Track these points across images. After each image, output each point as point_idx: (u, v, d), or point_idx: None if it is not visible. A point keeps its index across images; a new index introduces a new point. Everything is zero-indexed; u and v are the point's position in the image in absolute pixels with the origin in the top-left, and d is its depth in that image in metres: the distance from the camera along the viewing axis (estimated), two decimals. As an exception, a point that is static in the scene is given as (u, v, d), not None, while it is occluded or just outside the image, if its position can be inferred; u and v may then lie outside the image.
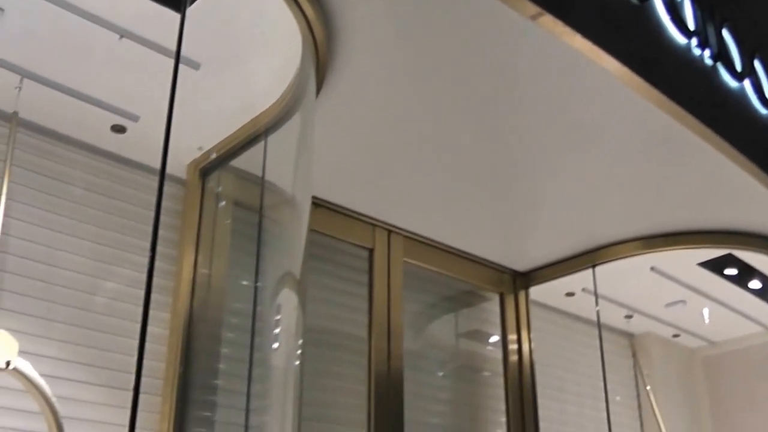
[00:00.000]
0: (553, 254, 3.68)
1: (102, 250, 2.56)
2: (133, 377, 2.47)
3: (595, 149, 2.75)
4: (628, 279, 3.76)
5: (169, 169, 2.66)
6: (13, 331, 2.02)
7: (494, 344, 3.74)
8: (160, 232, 2.62)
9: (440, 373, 3.50)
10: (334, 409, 2.97)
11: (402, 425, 3.06)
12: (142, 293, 2.54)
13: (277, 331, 2.32)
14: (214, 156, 2.64)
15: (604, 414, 3.70)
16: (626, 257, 3.51)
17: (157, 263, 2.62)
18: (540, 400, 3.65)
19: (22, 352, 2.02)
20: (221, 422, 2.48)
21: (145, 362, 2.51)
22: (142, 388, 2.48)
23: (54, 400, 2.05)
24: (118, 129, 2.54)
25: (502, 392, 3.64)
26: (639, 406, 4.38)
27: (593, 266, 3.61)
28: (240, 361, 2.51)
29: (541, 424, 3.61)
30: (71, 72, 2.30)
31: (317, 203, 2.95)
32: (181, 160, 2.74)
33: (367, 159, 2.83)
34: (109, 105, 2.43)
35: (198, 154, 2.72)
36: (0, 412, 2.25)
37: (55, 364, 2.32)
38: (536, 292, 3.85)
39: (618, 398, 4.12)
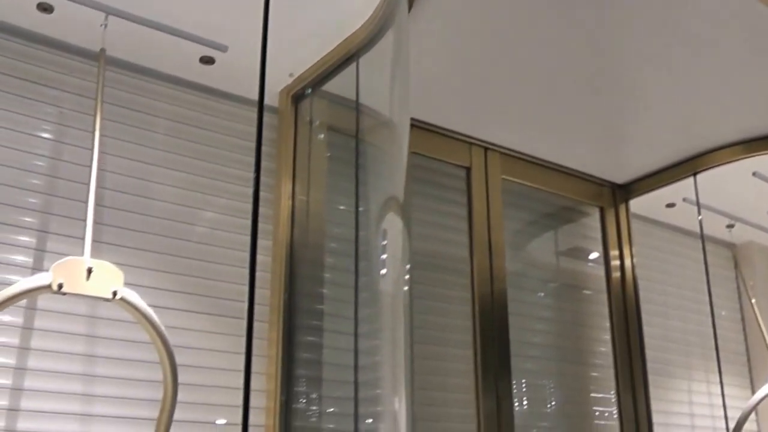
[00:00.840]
0: (652, 164, 3.54)
1: (197, 181, 2.56)
2: (236, 304, 2.50)
3: (697, 49, 2.57)
4: (729, 186, 3.59)
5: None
6: (115, 264, 2.03)
7: (595, 261, 3.63)
8: (251, 159, 2.61)
9: (541, 294, 3.41)
10: (439, 330, 2.92)
11: (508, 345, 3.01)
12: (239, 221, 2.58)
13: (384, 256, 2.26)
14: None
15: (710, 329, 3.58)
16: (727, 163, 3.36)
17: (250, 190, 2.62)
18: (644, 317, 3.54)
19: (125, 284, 2.03)
20: (329, 347, 2.46)
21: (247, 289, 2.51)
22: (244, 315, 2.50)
23: (163, 328, 2.04)
24: (207, 60, 2.51)
25: (605, 309, 3.55)
26: (742, 319, 4.21)
27: (694, 174, 3.46)
28: (345, 286, 2.47)
29: (646, 341, 3.51)
30: (156, 5, 2.25)
31: (411, 123, 2.85)
32: (273, 87, 2.69)
33: (461, 74, 2.72)
34: (196, 37, 2.38)
35: (289, 80, 2.66)
36: (109, 343, 2.28)
37: (158, 295, 2.35)
38: (636, 204, 3.72)
39: (723, 313, 3.97)
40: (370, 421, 2.29)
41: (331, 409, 2.43)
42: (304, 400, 2.42)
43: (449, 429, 2.83)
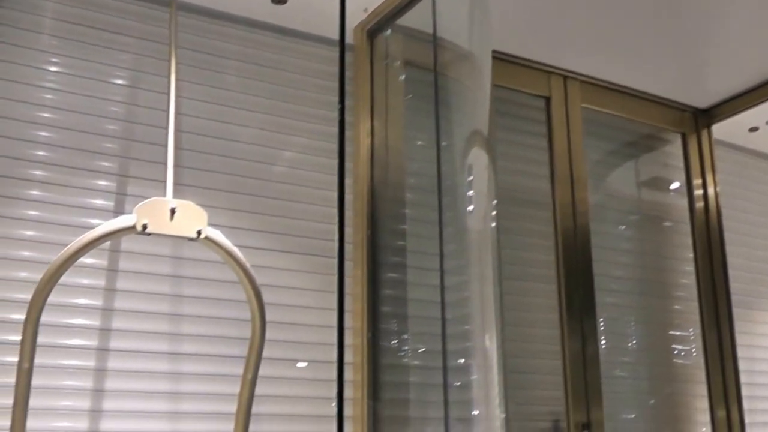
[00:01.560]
0: (735, 87, 3.37)
1: (274, 121, 2.52)
2: (319, 242, 2.46)
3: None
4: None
5: (335, 35, 2.61)
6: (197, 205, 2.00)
7: (677, 190, 3.49)
8: (332, 98, 2.55)
9: (622, 226, 3.30)
10: (521, 265, 2.84)
11: (591, 278, 2.92)
12: (318, 160, 2.52)
13: (470, 193, 2.17)
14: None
15: (796, 257, 3.45)
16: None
17: (333, 129, 2.58)
18: (727, 248, 3.41)
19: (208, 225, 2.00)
20: (413, 283, 2.40)
21: (331, 227, 2.47)
22: (330, 253, 2.47)
23: (249, 266, 2.01)
24: (278, 0, 2.45)
25: (688, 240, 3.42)
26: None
27: (777, 95, 3.30)
28: (428, 222, 2.39)
29: (730, 272, 3.38)
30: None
31: (489, 55, 2.75)
32: (347, 23, 2.60)
33: (538, 1, 2.59)
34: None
35: (364, 16, 2.59)
36: (194, 282, 2.28)
37: (240, 234, 2.33)
38: (719, 130, 3.56)
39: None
40: (460, 357, 2.23)
41: (419, 346, 2.38)
42: (391, 338, 2.38)
43: (535, 366, 2.77)
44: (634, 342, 3.14)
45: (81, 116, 2.23)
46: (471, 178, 2.17)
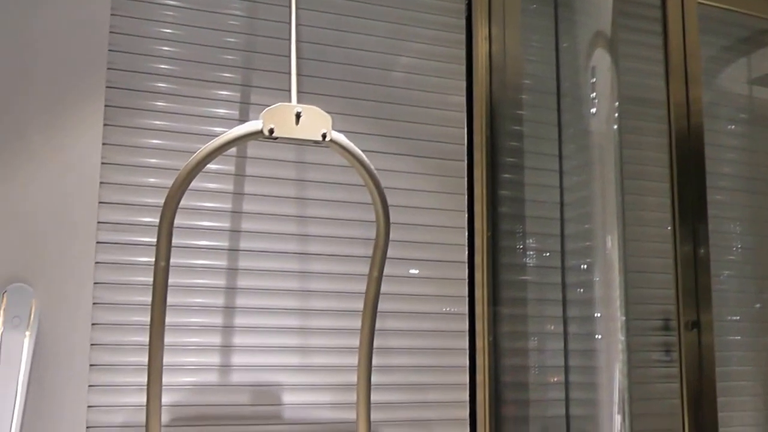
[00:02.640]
0: None
1: (394, 28, 2.46)
2: (439, 145, 2.42)
3: None
4: None
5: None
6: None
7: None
8: (451, 4, 2.48)
9: (732, 125, 3.15)
10: (635, 164, 2.75)
11: (704, 178, 2.81)
12: (435, 65, 2.47)
13: (593, 95, 2.09)
14: None
15: None
16: None
17: (453, 35, 2.52)
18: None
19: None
20: (531, 183, 2.35)
21: (451, 130, 2.44)
22: (451, 155, 2.43)
23: (373, 168, 1.99)
24: None
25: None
26: None
27: None
28: (547, 124, 2.33)
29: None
30: None
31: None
32: None
33: None
34: None
35: None
36: (320, 186, 2.30)
37: (362, 139, 2.30)
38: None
39: None
40: (579, 257, 2.19)
41: (538, 246, 2.35)
42: (510, 238, 2.35)
43: (646, 264, 2.71)
44: (741, 242, 3.04)
45: (203, 30, 2.23)
46: (594, 80, 2.09)
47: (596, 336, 2.12)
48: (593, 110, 2.12)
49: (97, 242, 2.04)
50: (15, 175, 1.99)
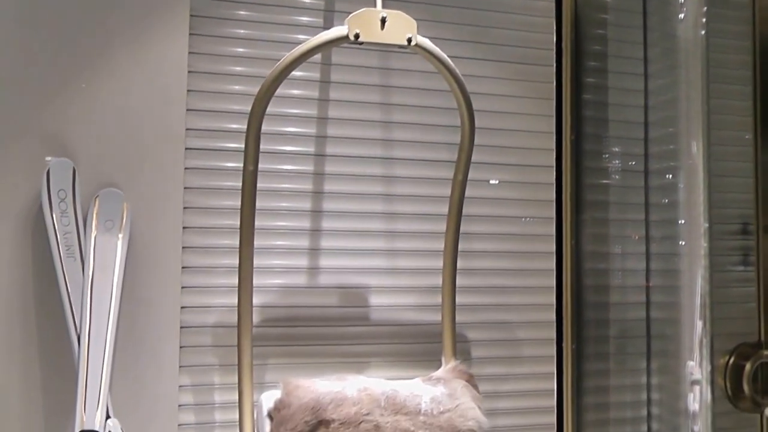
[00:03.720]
0: None
1: None
2: (521, 50, 2.35)
3: None
4: None
5: None
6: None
7: None
8: None
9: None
10: (719, 67, 2.63)
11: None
12: None
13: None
14: None
15: None
16: None
17: None
18: None
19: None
20: (615, 87, 2.27)
21: (537, 36, 2.36)
22: (537, 61, 2.37)
23: (458, 72, 1.95)
24: None
25: None
26: None
27: None
28: (631, 27, 2.23)
29: None
30: None
31: None
32: None
33: None
34: None
35: None
36: (404, 92, 2.26)
37: (446, 45, 2.22)
38: None
39: None
40: (663, 161, 2.13)
41: (621, 150, 2.29)
42: (594, 141, 2.29)
43: (724, 168, 2.63)
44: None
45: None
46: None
47: (679, 242, 2.07)
48: (681, 15, 2.02)
49: (186, 148, 2.05)
50: (104, 85, 1.99)
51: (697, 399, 1.93)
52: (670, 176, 2.14)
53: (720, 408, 2.05)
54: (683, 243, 2.06)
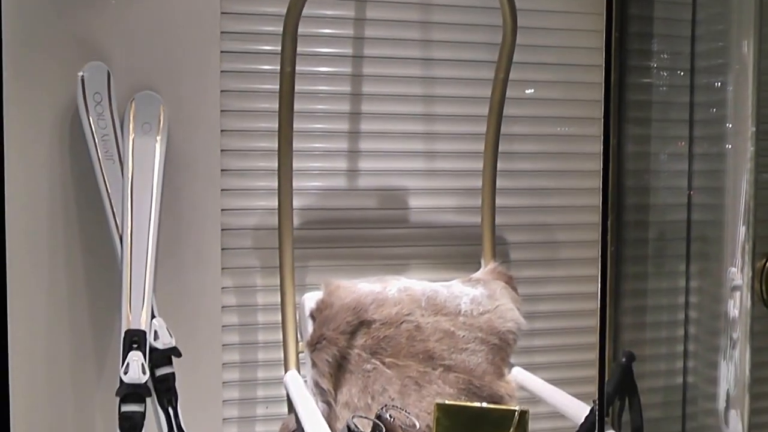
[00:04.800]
0: None
1: None
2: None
3: None
4: None
5: None
6: None
7: None
8: None
9: None
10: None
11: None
12: None
13: None
14: None
15: None
16: None
17: None
18: None
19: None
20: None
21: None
22: None
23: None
24: None
25: None
26: None
27: None
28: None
29: None
30: None
31: None
32: None
33: None
34: None
35: None
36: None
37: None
38: None
39: None
40: (709, 59, 2.04)
41: (666, 48, 2.20)
42: (638, 40, 2.19)
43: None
44: None
45: None
46: None
47: (726, 145, 2.00)
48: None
49: (222, 51, 1.99)
50: (141, -16, 1.93)
51: (736, 305, 1.89)
52: (718, 75, 2.05)
53: (756, 313, 2.01)
54: (729, 147, 1.99)
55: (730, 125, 1.99)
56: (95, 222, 1.90)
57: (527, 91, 2.23)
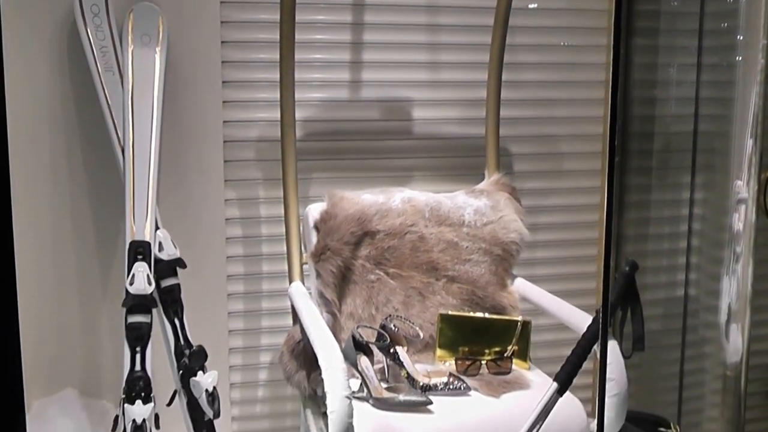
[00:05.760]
0: None
1: None
2: None
3: None
4: None
5: None
6: None
7: None
8: None
9: None
10: None
11: None
12: None
13: None
14: None
15: None
16: None
17: None
18: None
19: None
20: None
21: None
22: None
23: None
24: None
25: None
26: None
27: None
28: None
29: None
30: None
31: None
32: None
33: None
34: None
35: None
36: None
37: None
38: None
39: None
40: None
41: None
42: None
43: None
44: None
45: None
46: None
47: (736, 57, 1.95)
48: None
49: (220, -41, 1.93)
50: None
51: (741, 218, 1.88)
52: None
53: (761, 226, 1.99)
54: (740, 59, 1.94)
55: (741, 37, 1.94)
56: (96, 134, 1.87)
57: (530, 6, 2.16)
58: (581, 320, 1.60)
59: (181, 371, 1.76)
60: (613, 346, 1.52)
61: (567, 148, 2.22)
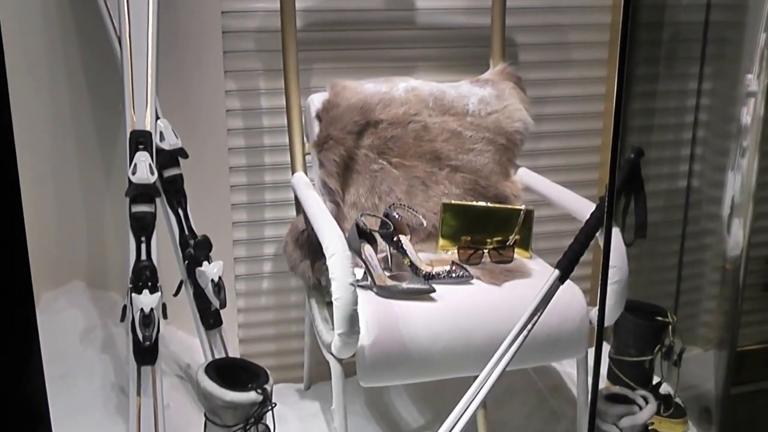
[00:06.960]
0: None
1: None
2: None
3: None
4: None
5: None
6: None
7: None
8: None
9: None
10: None
11: None
12: None
13: None
14: None
15: None
16: None
17: None
18: None
19: None
20: None
21: None
22: None
23: None
24: None
25: None
26: None
27: None
28: None
29: None
30: None
31: None
32: None
33: None
34: None
35: None
36: None
37: None
38: None
39: None
40: None
41: None
42: None
43: None
44: None
45: None
46: None
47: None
48: None
49: None
50: None
51: (750, 112, 1.84)
52: None
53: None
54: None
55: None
56: (92, 24, 1.82)
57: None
58: (584, 208, 1.58)
59: (186, 261, 1.77)
60: (615, 233, 1.51)
61: (574, 38, 2.17)
